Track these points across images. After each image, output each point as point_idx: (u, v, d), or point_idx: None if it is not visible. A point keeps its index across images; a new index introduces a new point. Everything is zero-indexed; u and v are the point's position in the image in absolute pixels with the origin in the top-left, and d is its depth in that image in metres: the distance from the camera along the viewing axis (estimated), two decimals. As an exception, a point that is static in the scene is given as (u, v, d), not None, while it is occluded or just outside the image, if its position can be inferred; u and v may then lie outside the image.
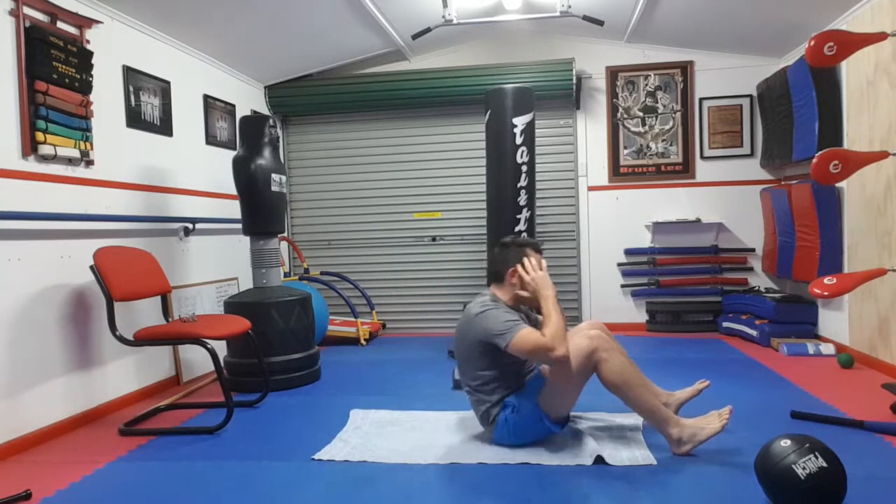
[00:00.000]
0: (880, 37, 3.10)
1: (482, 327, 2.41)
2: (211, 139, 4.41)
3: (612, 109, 5.25)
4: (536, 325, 2.52)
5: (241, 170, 3.70)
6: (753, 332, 4.55)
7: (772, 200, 4.70)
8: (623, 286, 5.30)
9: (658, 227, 5.16)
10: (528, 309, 2.66)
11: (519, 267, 2.51)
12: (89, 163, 3.21)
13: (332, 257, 5.61)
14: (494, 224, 4.41)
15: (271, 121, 3.80)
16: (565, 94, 5.12)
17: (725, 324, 4.92)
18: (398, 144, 5.49)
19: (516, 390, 2.47)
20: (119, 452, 2.65)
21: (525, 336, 2.32)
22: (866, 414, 2.74)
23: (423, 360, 4.32)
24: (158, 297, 3.46)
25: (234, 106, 4.74)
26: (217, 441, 2.77)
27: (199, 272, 4.17)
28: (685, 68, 5.15)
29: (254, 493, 2.18)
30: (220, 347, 3.41)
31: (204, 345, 2.89)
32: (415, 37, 4.41)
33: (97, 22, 3.27)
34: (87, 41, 3.20)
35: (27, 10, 2.85)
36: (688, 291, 5.18)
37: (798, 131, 4.28)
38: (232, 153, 4.10)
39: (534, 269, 2.49)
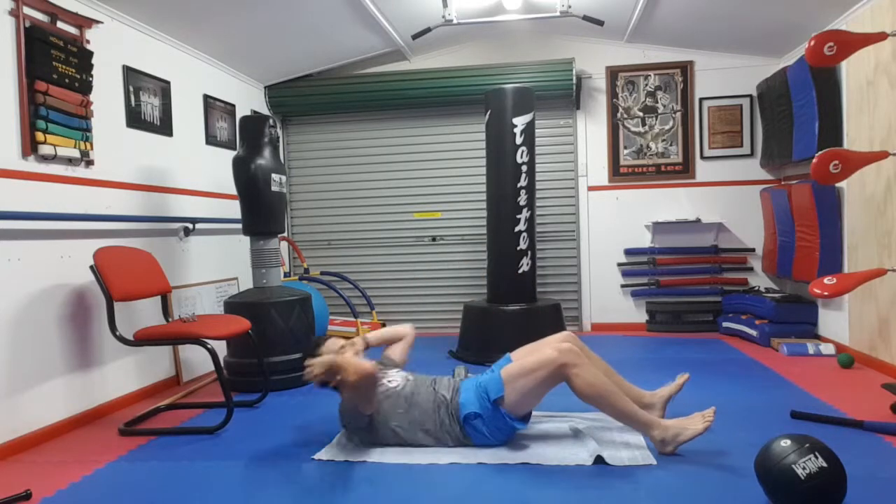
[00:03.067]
0: (880, 37, 3.10)
1: (351, 424, 2.58)
2: (211, 139, 4.41)
3: (612, 109, 5.25)
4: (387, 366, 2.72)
5: (241, 170, 3.70)
6: (753, 332, 4.55)
7: (772, 200, 4.70)
8: (623, 286, 5.30)
9: (658, 227, 5.16)
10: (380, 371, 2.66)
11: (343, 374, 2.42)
12: (89, 163, 3.21)
13: (332, 257, 5.61)
14: (494, 224, 4.41)
15: (271, 121, 3.80)
16: (565, 94, 5.12)
17: (725, 324, 4.92)
18: (398, 144, 5.49)
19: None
20: (119, 452, 2.65)
21: (347, 397, 2.51)
22: (866, 414, 2.74)
23: (423, 360, 4.31)
24: (158, 297, 3.46)
25: (234, 106, 4.74)
26: (217, 441, 2.77)
27: (199, 272, 4.17)
28: (685, 68, 5.15)
29: (254, 493, 2.18)
30: (220, 347, 3.41)
31: (204, 345, 2.89)
32: (415, 37, 4.41)
33: (97, 22, 3.27)
34: (87, 41, 3.20)
35: (27, 10, 2.85)
36: (688, 291, 5.18)
37: (798, 131, 4.28)
38: (232, 153, 4.10)
39: (316, 367, 2.32)
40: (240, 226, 3.87)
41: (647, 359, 4.19)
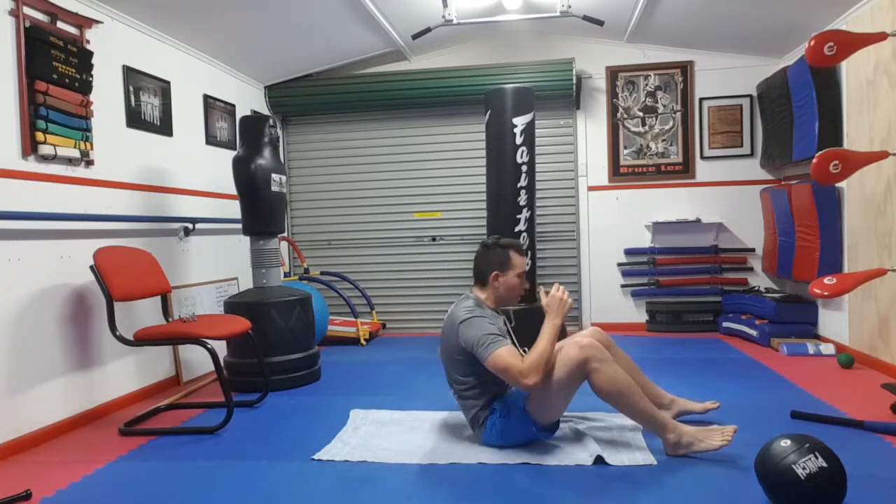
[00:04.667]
0: (880, 37, 3.10)
1: (465, 336, 2.42)
2: (211, 139, 4.41)
3: (612, 109, 5.25)
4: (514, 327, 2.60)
5: (241, 170, 3.69)
6: (753, 332, 4.54)
7: (772, 200, 4.70)
8: (623, 286, 5.30)
9: (658, 227, 5.16)
10: (510, 311, 2.69)
11: (509, 275, 2.55)
12: (89, 163, 3.21)
13: (332, 257, 5.61)
14: (494, 224, 4.41)
15: (271, 121, 3.80)
16: (565, 94, 5.12)
17: (725, 324, 4.92)
18: (398, 144, 5.49)
19: (500, 395, 2.49)
20: (119, 452, 2.65)
21: (501, 356, 2.32)
22: (866, 414, 2.74)
23: (423, 360, 4.32)
24: (158, 297, 3.45)
25: (234, 106, 4.74)
26: (217, 441, 2.77)
27: (199, 272, 4.17)
28: (685, 68, 5.15)
29: (254, 493, 2.18)
30: (220, 347, 3.41)
31: (204, 345, 2.89)
32: (415, 37, 4.41)
33: (97, 22, 3.27)
34: (87, 41, 3.20)
35: (27, 10, 2.85)
36: (688, 291, 5.18)
37: (798, 131, 4.28)
38: (232, 153, 4.10)
39: (558, 292, 2.48)
40: (240, 226, 3.87)
41: (647, 359, 4.17)
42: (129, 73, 3.55)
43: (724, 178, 5.15)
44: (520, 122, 4.29)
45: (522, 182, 4.32)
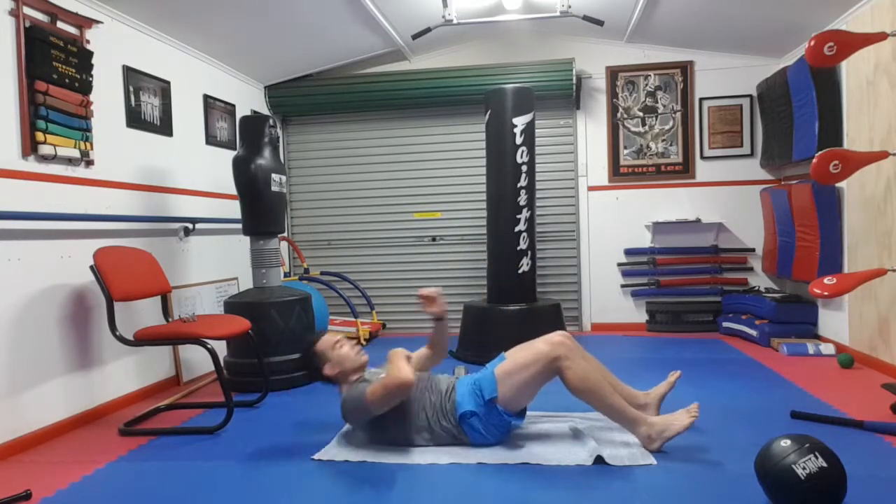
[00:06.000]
0: (880, 37, 3.10)
1: (352, 418, 2.54)
2: (211, 139, 4.41)
3: (612, 109, 5.25)
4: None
5: (241, 170, 3.70)
6: (753, 332, 4.55)
7: (772, 200, 4.70)
8: (623, 286, 5.30)
9: (658, 227, 5.16)
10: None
11: (334, 360, 2.60)
12: (89, 163, 3.21)
13: (332, 257, 5.61)
14: (494, 224, 4.42)
15: (271, 121, 3.80)
16: (565, 94, 5.12)
17: (725, 324, 4.92)
18: (398, 144, 5.50)
19: (434, 415, 2.51)
20: (119, 452, 2.65)
21: (373, 391, 2.39)
22: (866, 414, 2.74)
23: (423, 360, 4.31)
24: (158, 297, 3.46)
25: (234, 106, 4.74)
26: (217, 441, 2.77)
27: (199, 272, 4.17)
28: (685, 68, 5.15)
29: (254, 493, 2.18)
30: (220, 347, 3.41)
31: (204, 345, 2.89)
32: (415, 37, 4.42)
33: (97, 22, 3.27)
34: (87, 41, 3.20)
35: (27, 10, 2.85)
36: (688, 291, 5.19)
37: (798, 131, 4.28)
38: (232, 153, 4.10)
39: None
40: (240, 226, 3.87)
41: (647, 359, 4.19)
42: (129, 73, 3.55)
43: (724, 178, 5.15)
44: (520, 122, 4.29)
45: (522, 182, 4.32)
